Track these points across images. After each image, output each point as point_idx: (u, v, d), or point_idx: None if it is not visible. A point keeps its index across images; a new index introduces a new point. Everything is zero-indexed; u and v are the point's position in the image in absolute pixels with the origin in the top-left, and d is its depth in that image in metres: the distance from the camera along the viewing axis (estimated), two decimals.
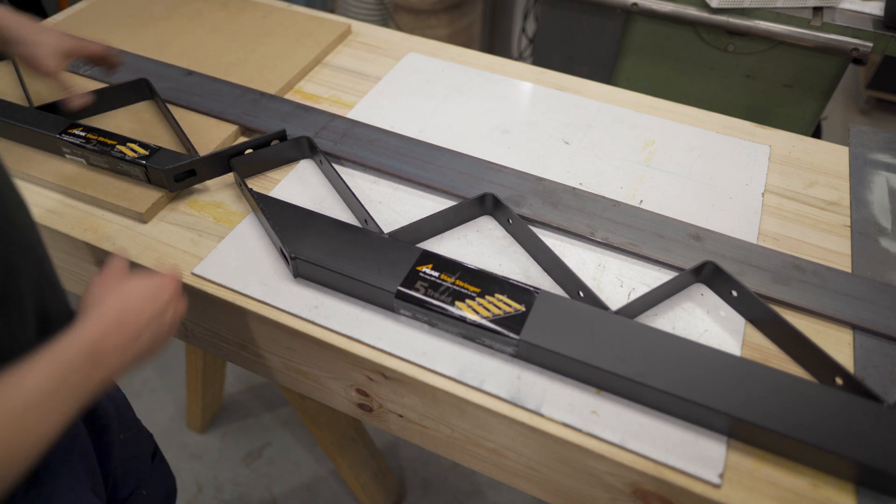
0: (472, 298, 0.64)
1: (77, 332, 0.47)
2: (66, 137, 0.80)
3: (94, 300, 0.53)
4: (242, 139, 0.90)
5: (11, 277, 0.42)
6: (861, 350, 0.66)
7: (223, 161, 0.80)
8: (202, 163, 0.78)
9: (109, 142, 0.80)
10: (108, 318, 0.50)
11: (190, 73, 0.97)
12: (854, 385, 0.59)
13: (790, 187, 0.85)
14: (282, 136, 0.83)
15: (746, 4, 1.17)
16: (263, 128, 0.88)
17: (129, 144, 0.80)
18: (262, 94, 0.94)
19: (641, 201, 0.82)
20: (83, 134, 0.81)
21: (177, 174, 0.77)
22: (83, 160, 0.81)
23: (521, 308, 0.63)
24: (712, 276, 0.70)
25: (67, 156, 0.82)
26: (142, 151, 0.79)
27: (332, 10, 2.06)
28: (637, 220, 0.77)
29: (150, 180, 0.78)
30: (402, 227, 0.72)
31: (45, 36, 0.76)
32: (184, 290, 0.71)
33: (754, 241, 0.76)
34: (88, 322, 0.49)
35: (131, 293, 0.54)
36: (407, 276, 0.66)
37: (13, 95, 0.91)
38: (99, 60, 0.84)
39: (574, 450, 0.59)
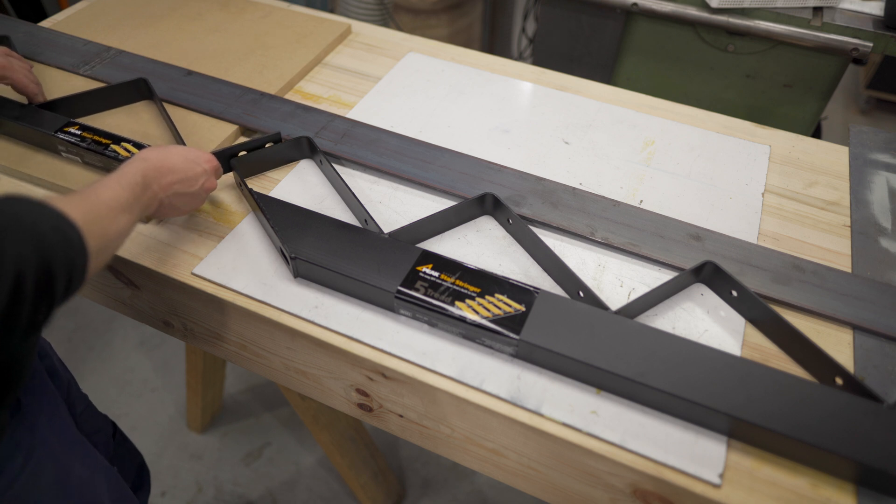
0: (472, 298, 0.64)
1: (128, 166, 0.61)
2: (61, 136, 0.80)
3: (138, 155, 0.64)
4: (243, 139, 0.90)
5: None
6: (861, 350, 0.66)
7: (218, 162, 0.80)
8: None
9: (104, 141, 0.80)
10: (152, 160, 0.64)
11: (190, 73, 0.97)
12: (854, 385, 0.59)
13: (790, 187, 0.85)
14: (276, 138, 0.83)
15: (746, 4, 1.17)
16: (263, 128, 0.88)
17: (122, 144, 0.80)
18: (262, 94, 0.94)
19: (641, 201, 0.82)
20: (78, 132, 0.81)
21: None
22: (78, 159, 0.81)
23: (521, 308, 0.63)
24: (712, 276, 0.70)
25: (63, 154, 0.82)
26: (135, 151, 0.79)
27: (332, 10, 2.06)
28: (637, 220, 0.77)
29: None
30: (402, 227, 0.72)
31: None
32: (181, 287, 0.71)
33: (754, 241, 0.76)
34: (136, 161, 0.62)
35: (171, 151, 0.67)
36: (407, 276, 0.66)
37: (12, 93, 0.91)
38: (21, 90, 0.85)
39: (574, 450, 0.59)
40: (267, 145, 0.83)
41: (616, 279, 0.72)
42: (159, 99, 0.90)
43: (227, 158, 0.80)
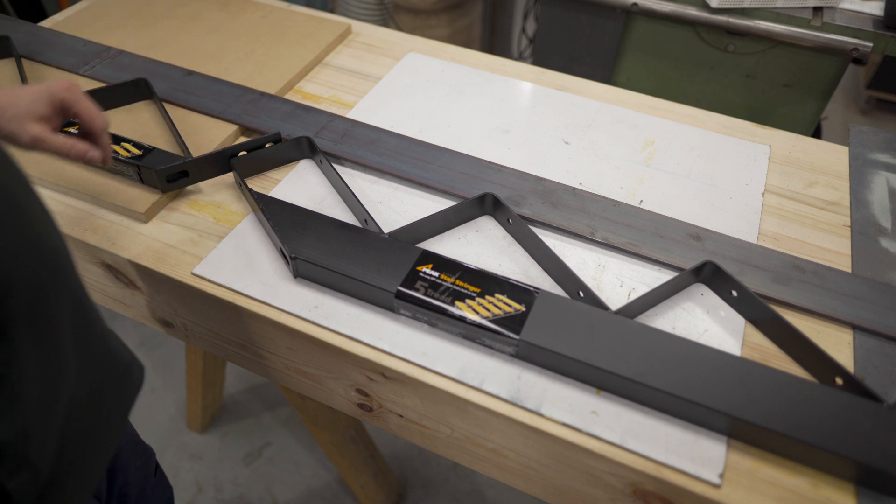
0: (472, 298, 0.64)
1: None
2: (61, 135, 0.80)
3: None
4: (243, 139, 0.90)
5: (43, 298, 0.41)
6: (861, 350, 0.66)
7: (217, 162, 0.80)
8: (195, 164, 0.78)
9: None
10: None
11: (190, 73, 0.97)
12: (854, 385, 0.59)
13: (790, 187, 0.85)
14: (276, 138, 0.83)
15: (746, 4, 1.17)
16: (263, 128, 0.88)
17: (123, 144, 0.80)
18: (262, 94, 0.94)
19: (641, 201, 0.82)
20: (78, 132, 0.80)
21: (169, 175, 0.77)
22: None
23: (521, 308, 0.63)
24: (712, 276, 0.70)
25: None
26: (135, 151, 0.79)
27: (332, 10, 2.06)
28: (637, 220, 0.77)
29: (142, 180, 0.78)
30: (402, 227, 0.72)
31: (15, 107, 0.61)
32: (181, 287, 0.71)
33: (754, 241, 0.76)
34: None
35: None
36: (407, 276, 0.66)
37: None
38: (84, 125, 0.67)
39: (574, 450, 0.59)
40: (267, 145, 0.83)
41: (616, 279, 0.72)
42: (159, 99, 0.90)
43: (227, 158, 0.80)
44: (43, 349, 0.40)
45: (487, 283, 0.66)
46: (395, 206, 0.80)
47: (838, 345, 0.66)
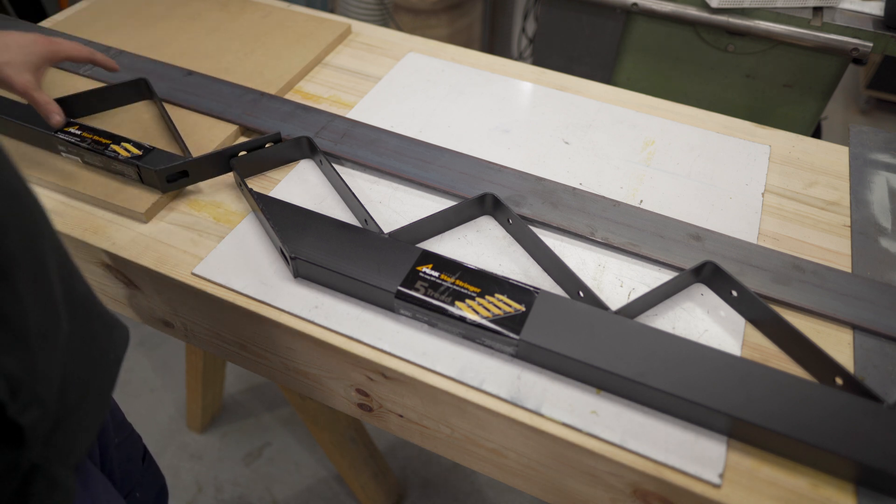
0: (472, 298, 0.64)
1: None
2: (61, 136, 0.80)
3: None
4: (243, 139, 0.90)
5: (35, 245, 0.43)
6: (861, 350, 0.66)
7: (217, 162, 0.80)
8: (195, 164, 0.78)
9: (104, 141, 0.80)
10: None
11: (190, 73, 0.97)
12: (854, 385, 0.59)
13: (790, 187, 0.85)
14: (276, 138, 0.83)
15: (746, 4, 1.17)
16: (263, 128, 0.88)
17: (123, 144, 0.80)
18: (262, 94, 0.94)
19: (641, 201, 0.82)
20: (78, 132, 0.81)
21: (169, 175, 0.77)
22: (78, 158, 0.81)
23: (521, 308, 0.63)
24: (712, 276, 0.70)
25: (63, 154, 0.82)
26: (135, 151, 0.79)
27: (332, 10, 2.06)
28: (637, 220, 0.77)
29: (142, 180, 0.78)
30: (402, 227, 0.72)
31: (8, 52, 0.70)
32: (181, 287, 0.72)
33: (754, 241, 0.76)
34: None
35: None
36: (407, 276, 0.66)
37: (13, 93, 0.91)
38: (85, 62, 0.81)
39: (574, 450, 0.59)
40: (267, 145, 0.83)
41: (616, 279, 0.72)
42: (159, 99, 0.90)
43: (227, 158, 0.80)
44: (39, 290, 0.42)
45: (487, 283, 0.66)
46: (395, 206, 0.80)
47: (838, 345, 0.66)
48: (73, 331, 0.47)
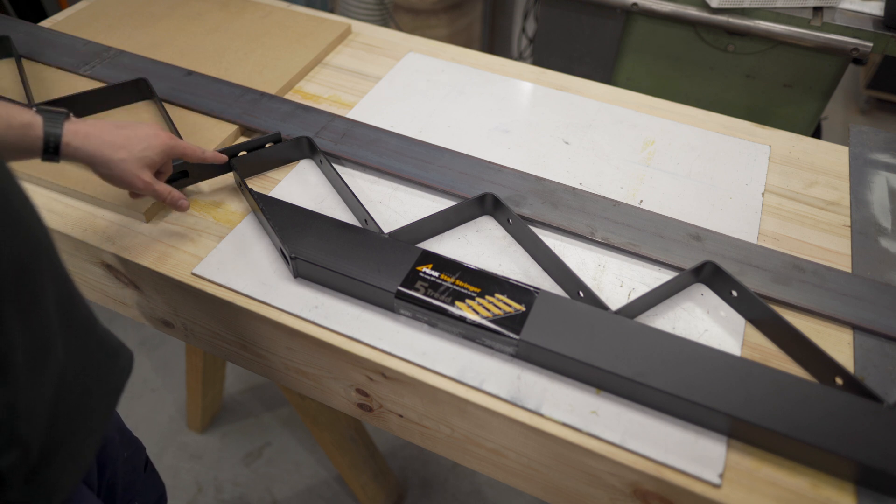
0: (472, 298, 0.64)
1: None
2: None
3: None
4: (243, 139, 0.90)
5: (27, 274, 0.42)
6: (861, 350, 0.66)
7: None
8: (195, 164, 0.78)
9: None
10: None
11: (190, 73, 0.97)
12: (854, 385, 0.59)
13: (790, 187, 0.85)
14: (276, 138, 0.83)
15: (746, 4, 1.17)
16: (263, 128, 0.88)
17: None
18: (262, 94, 0.94)
19: (641, 201, 0.82)
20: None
21: (169, 175, 0.76)
22: None
23: (521, 308, 0.63)
24: (712, 276, 0.70)
25: None
26: None
27: (332, 10, 2.06)
28: (637, 220, 0.77)
29: None
30: (402, 227, 0.72)
31: (127, 149, 0.65)
32: (181, 287, 0.71)
33: (754, 241, 0.76)
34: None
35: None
36: (407, 276, 0.66)
37: (14, 93, 0.91)
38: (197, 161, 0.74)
39: (574, 450, 0.59)
40: (267, 145, 0.83)
41: (616, 279, 0.72)
42: (159, 99, 0.90)
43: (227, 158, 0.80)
44: (29, 324, 0.41)
45: (487, 283, 0.66)
46: (395, 206, 0.80)
47: (838, 345, 0.66)
48: (70, 361, 0.45)
